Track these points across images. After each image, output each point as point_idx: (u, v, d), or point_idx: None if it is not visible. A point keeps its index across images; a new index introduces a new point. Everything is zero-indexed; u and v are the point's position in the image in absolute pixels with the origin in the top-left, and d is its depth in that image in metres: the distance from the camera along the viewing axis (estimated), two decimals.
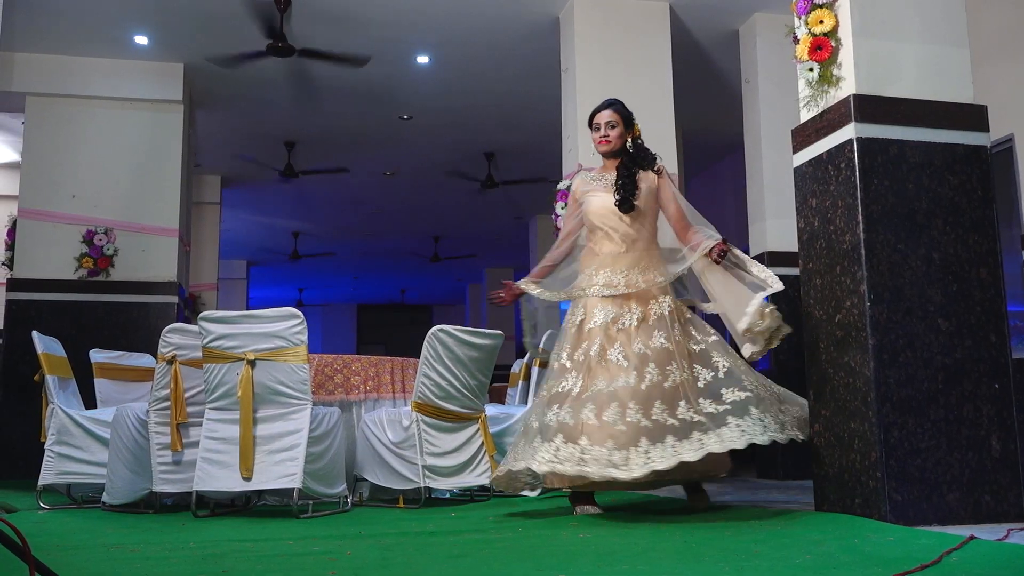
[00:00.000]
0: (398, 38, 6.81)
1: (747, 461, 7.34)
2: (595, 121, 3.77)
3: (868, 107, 3.29)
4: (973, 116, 3.38)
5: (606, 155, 3.79)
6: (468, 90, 7.86)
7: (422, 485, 4.08)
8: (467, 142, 9.28)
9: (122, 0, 6.16)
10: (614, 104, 3.77)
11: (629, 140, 3.79)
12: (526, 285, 3.84)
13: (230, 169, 10.11)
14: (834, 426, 3.32)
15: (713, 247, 3.57)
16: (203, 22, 6.43)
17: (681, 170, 6.97)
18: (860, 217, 3.22)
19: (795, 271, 3.89)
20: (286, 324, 3.81)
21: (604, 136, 3.74)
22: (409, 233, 13.63)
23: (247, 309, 11.72)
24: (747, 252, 6.49)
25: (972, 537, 2.49)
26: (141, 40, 6.76)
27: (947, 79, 3.42)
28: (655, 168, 3.76)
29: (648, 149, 3.83)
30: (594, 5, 6.07)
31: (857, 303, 3.21)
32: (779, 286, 3.52)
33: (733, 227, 9.19)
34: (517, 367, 5.68)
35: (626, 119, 3.76)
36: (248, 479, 3.73)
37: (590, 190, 3.80)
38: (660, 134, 6.00)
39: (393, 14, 6.39)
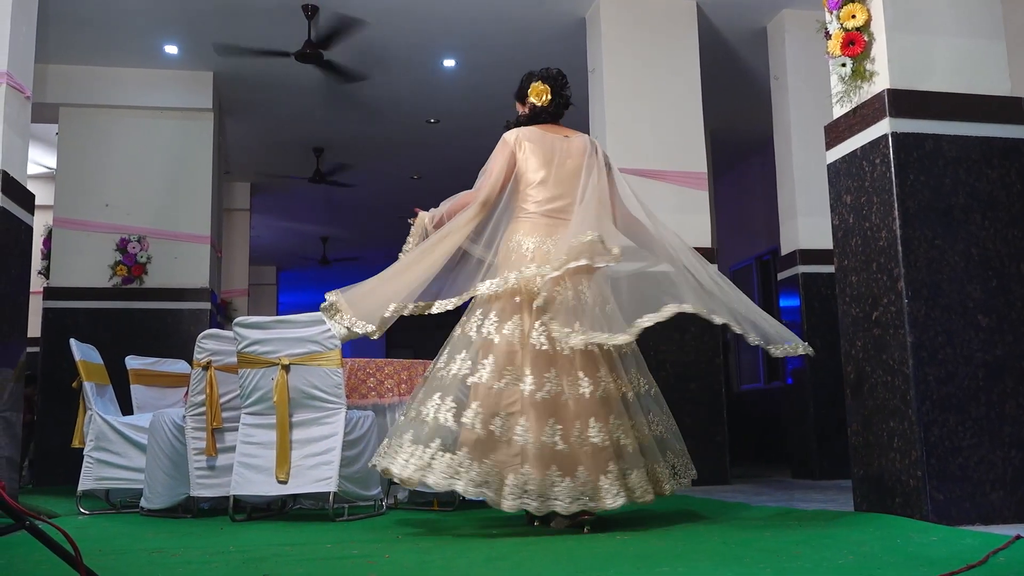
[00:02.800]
0: (424, 42, 6.83)
1: (781, 461, 7.30)
2: None
3: (903, 102, 3.26)
4: (1010, 109, 3.34)
5: None
6: (494, 93, 7.84)
7: None
8: (494, 145, 9.19)
9: (152, 11, 6.24)
10: None
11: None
12: None
13: (259, 175, 10.19)
14: (872, 425, 3.28)
15: None
16: (232, 30, 6.49)
17: (710, 168, 6.92)
18: (896, 213, 3.18)
19: (829, 269, 3.86)
20: (319, 329, 3.82)
21: None
22: None
23: (277, 314, 11.80)
24: (778, 251, 6.44)
25: (1018, 536, 2.44)
26: (171, 50, 6.84)
27: (983, 72, 3.38)
28: None
29: None
30: (620, 5, 6.04)
31: (895, 300, 3.17)
32: None
33: (763, 225, 9.12)
34: None
35: None
36: (284, 483, 3.75)
37: None
38: (688, 132, 5.98)
39: (419, 19, 6.41)
